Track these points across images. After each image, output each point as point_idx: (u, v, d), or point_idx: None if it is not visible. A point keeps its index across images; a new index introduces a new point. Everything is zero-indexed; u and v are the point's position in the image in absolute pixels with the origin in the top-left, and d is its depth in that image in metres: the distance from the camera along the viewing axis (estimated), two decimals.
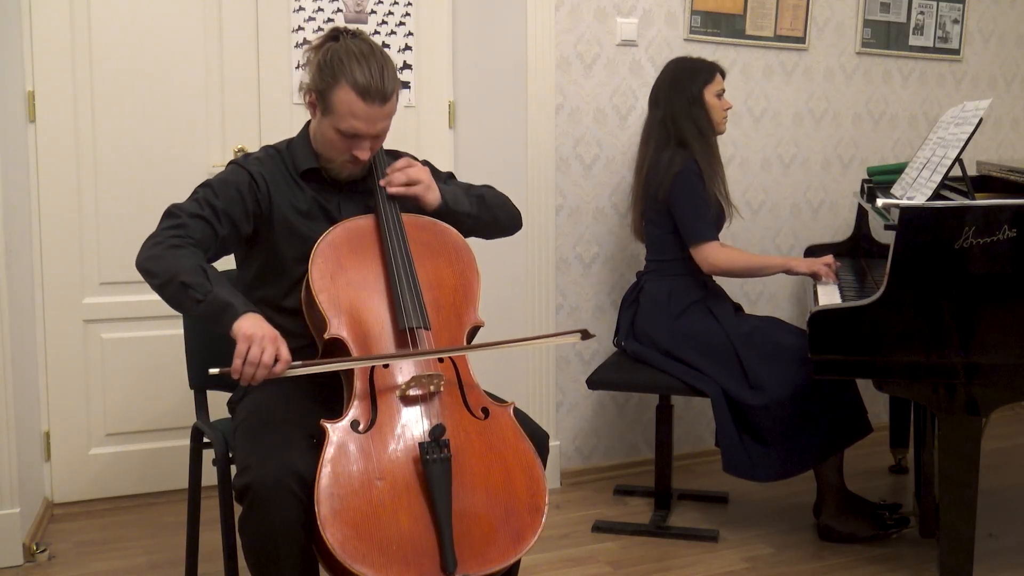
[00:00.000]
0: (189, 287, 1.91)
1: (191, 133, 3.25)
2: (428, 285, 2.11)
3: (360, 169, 2.21)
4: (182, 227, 2.04)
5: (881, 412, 3.69)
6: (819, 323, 2.50)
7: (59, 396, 3.19)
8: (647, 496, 3.37)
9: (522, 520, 1.93)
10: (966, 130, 2.61)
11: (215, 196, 2.11)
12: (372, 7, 3.39)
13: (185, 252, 1.98)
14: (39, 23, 3.07)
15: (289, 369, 1.88)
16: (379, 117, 2.11)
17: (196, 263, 1.95)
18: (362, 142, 2.12)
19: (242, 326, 1.86)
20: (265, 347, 1.84)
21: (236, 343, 1.85)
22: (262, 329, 1.86)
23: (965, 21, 4.19)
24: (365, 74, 2.06)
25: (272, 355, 1.84)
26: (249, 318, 1.88)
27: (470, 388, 2.06)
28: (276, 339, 1.87)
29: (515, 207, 2.45)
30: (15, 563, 2.80)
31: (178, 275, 1.92)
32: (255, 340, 1.84)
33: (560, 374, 3.54)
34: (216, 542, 2.37)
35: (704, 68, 3.17)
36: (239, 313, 1.88)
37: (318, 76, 2.11)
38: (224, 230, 2.11)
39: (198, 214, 2.07)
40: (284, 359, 1.86)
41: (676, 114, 3.13)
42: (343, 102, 2.07)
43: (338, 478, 1.83)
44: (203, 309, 1.91)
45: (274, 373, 1.86)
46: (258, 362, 1.83)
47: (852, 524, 3.00)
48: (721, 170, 3.17)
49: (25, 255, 3.04)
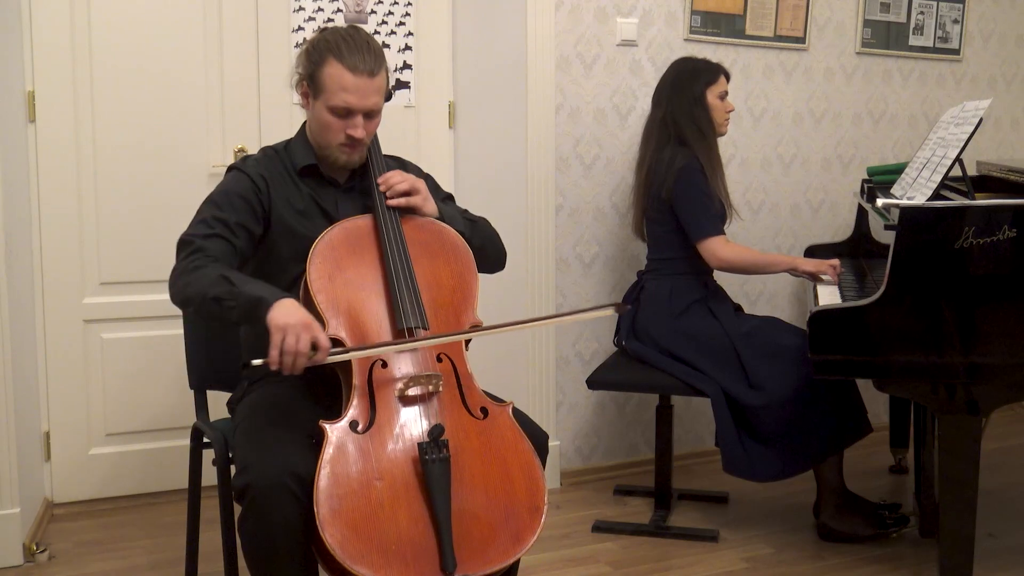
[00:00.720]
0: (220, 299, 1.91)
1: (191, 133, 3.25)
2: (426, 285, 2.11)
3: (358, 158, 2.21)
4: (199, 251, 2.03)
5: (881, 412, 3.69)
6: (819, 323, 2.50)
7: (59, 396, 3.19)
8: (647, 496, 3.37)
9: (521, 520, 1.93)
10: (966, 130, 2.61)
11: (221, 210, 2.11)
12: (372, 7, 3.39)
13: (206, 270, 1.98)
14: (39, 23, 3.07)
15: (330, 356, 1.87)
16: (369, 90, 2.12)
17: (217, 274, 1.95)
18: (355, 118, 2.13)
19: (274, 317, 1.84)
20: (300, 335, 1.82)
21: (271, 334, 1.83)
22: (295, 317, 1.84)
23: (965, 21, 4.19)
24: (351, 49, 2.11)
25: (307, 342, 1.83)
26: (280, 307, 1.86)
27: (469, 388, 2.06)
28: (311, 325, 1.85)
29: (503, 246, 2.42)
30: (15, 563, 2.80)
31: (207, 293, 1.93)
32: (289, 329, 1.82)
33: (560, 374, 3.54)
34: (216, 542, 2.37)
35: (707, 69, 3.16)
36: (270, 304, 1.86)
37: (306, 60, 2.15)
38: (241, 241, 2.11)
39: (211, 234, 2.07)
40: (324, 346, 1.85)
41: (677, 114, 3.13)
42: (332, 76, 2.10)
43: (337, 478, 1.83)
44: (240, 314, 1.91)
45: (315, 360, 1.85)
46: (295, 351, 1.82)
47: (852, 524, 3.00)
48: (721, 171, 3.17)
49: (25, 255, 3.04)
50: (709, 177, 3.08)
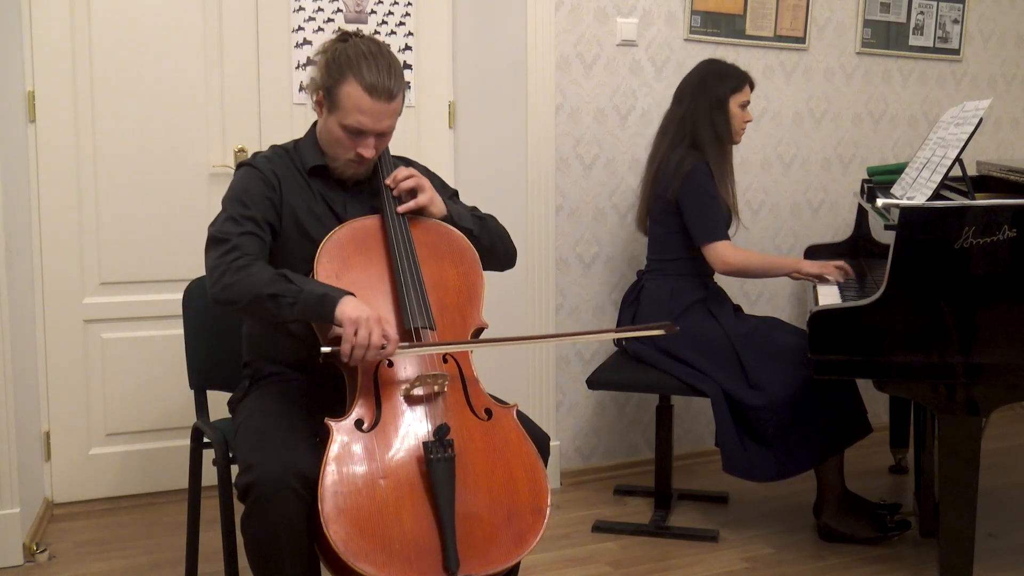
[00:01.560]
0: (278, 296, 1.94)
1: (191, 133, 3.25)
2: (433, 286, 2.11)
3: (365, 170, 2.22)
4: (236, 248, 2.04)
5: (881, 412, 3.70)
6: (819, 323, 2.50)
7: (59, 396, 3.18)
8: (647, 496, 3.37)
9: (524, 521, 1.93)
10: (966, 130, 2.61)
11: (247, 208, 2.12)
12: (372, 7, 3.39)
13: (254, 268, 1.99)
14: (39, 23, 3.06)
15: (398, 350, 1.92)
16: (385, 114, 2.12)
17: (272, 274, 1.97)
18: (367, 139, 2.13)
19: (346, 310, 1.89)
20: (372, 329, 1.88)
21: (343, 327, 1.88)
22: (366, 311, 1.90)
23: (965, 21, 4.19)
24: (372, 71, 2.08)
25: (380, 336, 1.88)
26: (350, 301, 1.92)
27: (474, 389, 2.06)
28: (381, 320, 1.91)
29: (512, 244, 2.43)
30: (15, 563, 2.80)
31: (261, 291, 1.94)
32: (362, 323, 1.88)
33: (560, 374, 3.54)
34: (216, 542, 2.37)
35: (734, 75, 3.14)
36: (338, 299, 1.91)
37: (326, 73, 2.13)
38: (268, 237, 2.13)
39: (244, 232, 2.08)
40: (393, 339, 1.91)
41: (696, 114, 3.11)
42: (349, 97, 2.09)
43: (342, 476, 1.84)
44: (300, 310, 1.93)
45: (384, 354, 1.91)
46: (367, 344, 1.87)
47: (853, 525, 3.00)
48: (731, 179, 3.15)
49: (25, 255, 3.04)
50: (718, 182, 3.07)
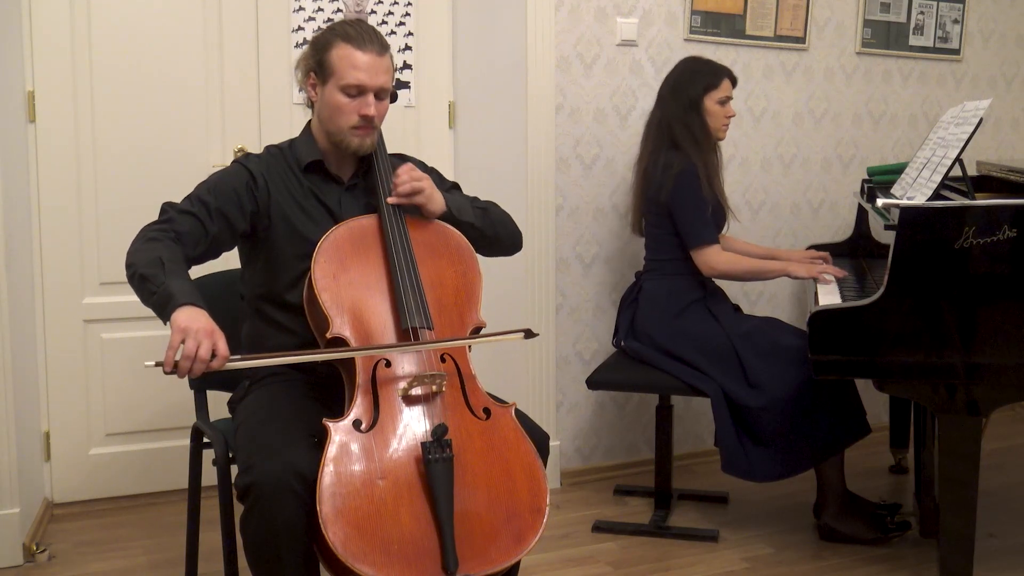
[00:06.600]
0: (147, 279, 1.91)
1: (191, 133, 3.25)
2: (430, 285, 2.11)
3: (370, 142, 2.21)
4: (168, 222, 2.08)
5: (881, 412, 3.69)
6: (819, 323, 2.50)
7: (59, 396, 3.18)
8: (647, 496, 3.37)
9: (523, 521, 1.93)
10: (966, 130, 2.61)
11: (210, 194, 2.15)
12: (372, 7, 3.39)
13: (160, 246, 1.99)
14: (39, 23, 3.06)
15: (228, 363, 1.85)
16: (379, 69, 2.15)
17: (158, 258, 1.94)
18: (367, 97, 2.15)
19: (178, 318, 1.83)
20: (201, 341, 1.80)
21: (172, 335, 1.82)
22: (198, 322, 1.82)
23: (965, 21, 4.19)
24: (356, 31, 2.15)
25: (208, 349, 1.81)
26: (187, 310, 1.84)
27: (472, 389, 2.06)
28: (212, 332, 1.83)
29: (517, 227, 2.44)
30: (15, 563, 2.80)
31: (140, 269, 1.94)
32: (189, 333, 1.80)
33: (560, 374, 3.54)
34: (216, 542, 2.37)
35: (709, 72, 3.10)
36: (178, 305, 1.85)
37: (312, 51, 2.19)
38: (215, 228, 2.13)
39: (188, 211, 2.11)
40: (221, 354, 1.83)
41: (671, 117, 3.10)
42: (342, 57, 2.13)
43: (340, 477, 1.83)
44: (154, 302, 1.90)
45: (211, 367, 1.83)
46: (193, 356, 1.80)
47: (853, 525, 3.00)
48: (719, 176, 3.14)
49: (25, 255, 3.04)
50: (705, 181, 3.06)
